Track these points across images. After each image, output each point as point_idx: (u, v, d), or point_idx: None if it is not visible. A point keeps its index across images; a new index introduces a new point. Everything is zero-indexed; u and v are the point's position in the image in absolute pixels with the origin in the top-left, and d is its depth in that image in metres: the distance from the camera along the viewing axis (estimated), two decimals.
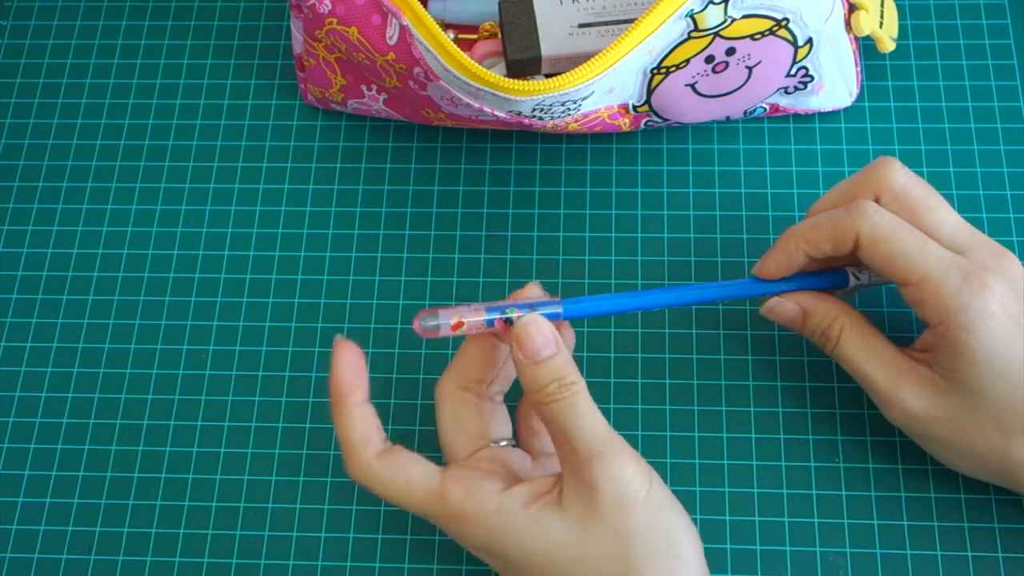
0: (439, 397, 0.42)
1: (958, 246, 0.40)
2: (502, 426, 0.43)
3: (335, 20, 0.44)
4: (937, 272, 0.39)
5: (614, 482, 0.37)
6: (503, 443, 0.42)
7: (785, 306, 0.43)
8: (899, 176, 0.41)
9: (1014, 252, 0.48)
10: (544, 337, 0.39)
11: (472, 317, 0.39)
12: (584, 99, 0.43)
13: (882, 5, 0.49)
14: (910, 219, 0.40)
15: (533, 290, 0.41)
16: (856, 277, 0.43)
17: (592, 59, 0.42)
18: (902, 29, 0.53)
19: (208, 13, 0.56)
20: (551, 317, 0.39)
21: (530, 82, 0.42)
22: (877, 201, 0.41)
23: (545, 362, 0.38)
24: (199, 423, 0.47)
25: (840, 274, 0.43)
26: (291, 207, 0.51)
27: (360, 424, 0.40)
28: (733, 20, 0.43)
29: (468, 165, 0.52)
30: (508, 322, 0.39)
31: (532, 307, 0.39)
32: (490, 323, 0.39)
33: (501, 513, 0.38)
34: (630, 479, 0.37)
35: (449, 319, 0.39)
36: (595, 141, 0.52)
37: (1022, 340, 0.38)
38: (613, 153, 0.52)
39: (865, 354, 0.41)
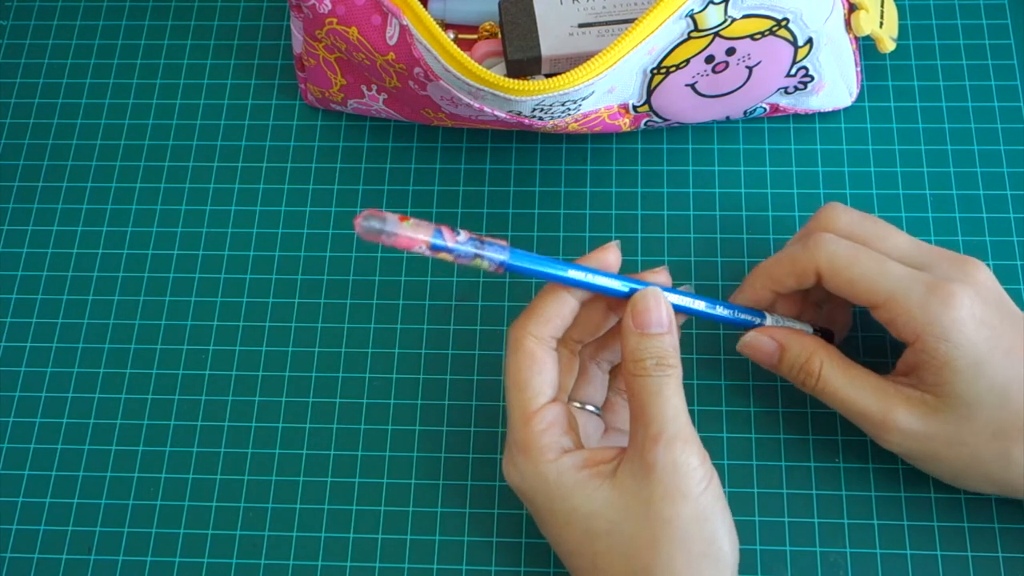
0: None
1: (917, 265, 0.40)
2: (596, 392, 0.43)
3: (335, 20, 0.44)
4: (900, 289, 0.39)
5: (673, 469, 0.37)
6: (590, 407, 0.43)
7: (761, 340, 0.42)
8: (843, 217, 0.42)
9: (1014, 252, 0.48)
10: (660, 313, 0.39)
11: (420, 233, 0.35)
12: (584, 99, 0.43)
13: (882, 5, 0.49)
14: None
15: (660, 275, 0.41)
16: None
17: (592, 59, 0.42)
18: (902, 29, 0.53)
19: (208, 13, 0.56)
20: (496, 263, 0.37)
21: (530, 82, 0.42)
22: None
23: (653, 337, 0.39)
24: (199, 423, 0.47)
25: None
26: (291, 207, 0.51)
27: (562, 302, 0.40)
28: (733, 20, 0.42)
29: (468, 165, 0.52)
30: (450, 251, 0.36)
31: (481, 243, 0.37)
32: (436, 247, 0.36)
33: (557, 464, 0.38)
34: (690, 472, 0.37)
35: (396, 228, 0.35)
36: (595, 141, 0.52)
37: (999, 344, 0.38)
38: (613, 153, 0.52)
39: (849, 383, 0.41)
